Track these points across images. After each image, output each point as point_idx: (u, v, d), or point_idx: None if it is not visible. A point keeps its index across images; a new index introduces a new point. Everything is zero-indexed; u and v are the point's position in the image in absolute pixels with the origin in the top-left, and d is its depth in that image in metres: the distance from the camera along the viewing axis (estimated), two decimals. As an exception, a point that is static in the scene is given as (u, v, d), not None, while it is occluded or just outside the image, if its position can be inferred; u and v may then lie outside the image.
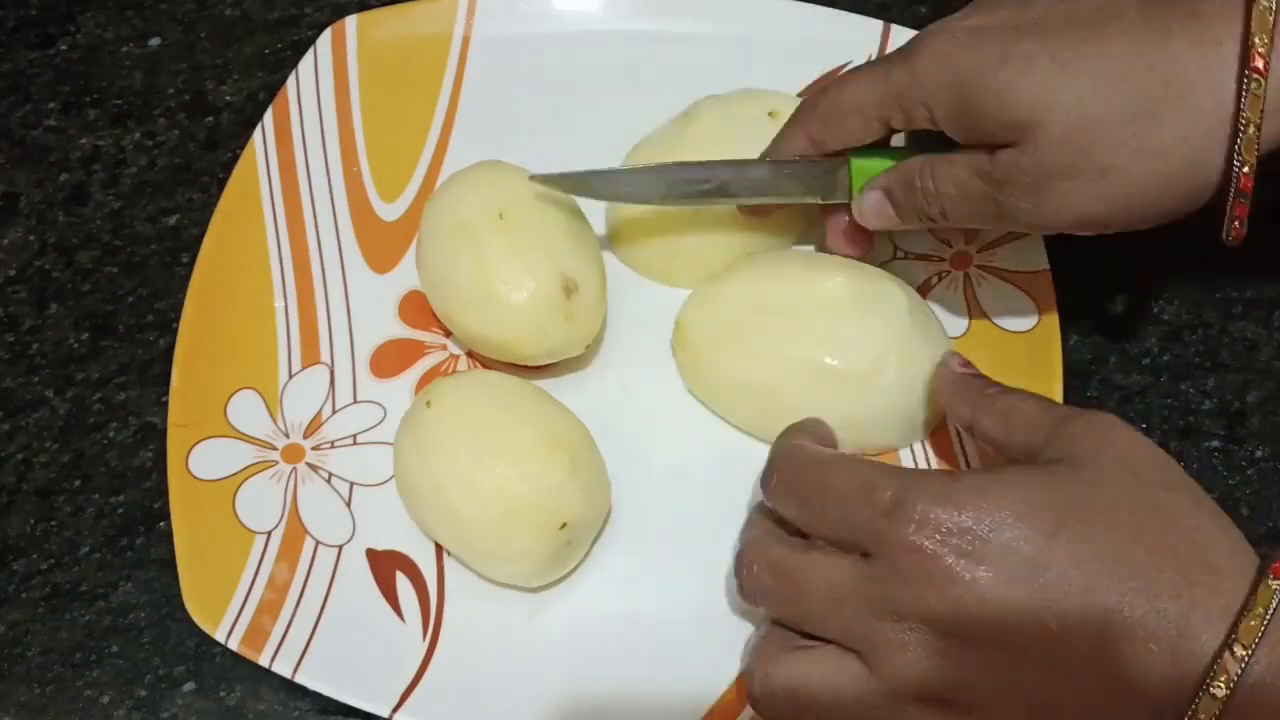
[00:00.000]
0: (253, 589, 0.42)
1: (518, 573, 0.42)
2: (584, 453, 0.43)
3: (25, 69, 0.58)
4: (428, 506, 0.42)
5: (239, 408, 0.46)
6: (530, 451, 0.41)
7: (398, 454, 0.44)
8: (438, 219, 0.46)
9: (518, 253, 0.44)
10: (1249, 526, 0.46)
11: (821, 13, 0.54)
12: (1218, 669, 0.31)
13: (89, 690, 0.44)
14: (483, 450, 0.41)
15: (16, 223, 0.54)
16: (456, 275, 0.45)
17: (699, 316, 0.46)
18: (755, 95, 0.49)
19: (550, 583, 0.43)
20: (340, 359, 0.48)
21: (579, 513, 0.42)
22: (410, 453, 0.43)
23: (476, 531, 0.41)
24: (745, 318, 0.45)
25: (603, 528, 0.44)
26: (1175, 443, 0.48)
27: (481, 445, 0.42)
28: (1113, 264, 0.50)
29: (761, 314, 0.45)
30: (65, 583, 0.46)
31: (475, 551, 0.42)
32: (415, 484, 0.43)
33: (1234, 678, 0.30)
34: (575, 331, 0.45)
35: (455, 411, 0.43)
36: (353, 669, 0.41)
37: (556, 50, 0.53)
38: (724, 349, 0.45)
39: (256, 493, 0.44)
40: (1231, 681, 0.30)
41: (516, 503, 0.41)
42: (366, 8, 0.55)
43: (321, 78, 0.53)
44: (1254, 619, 0.31)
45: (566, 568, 0.43)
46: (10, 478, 0.48)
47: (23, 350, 0.51)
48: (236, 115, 0.56)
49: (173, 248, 0.53)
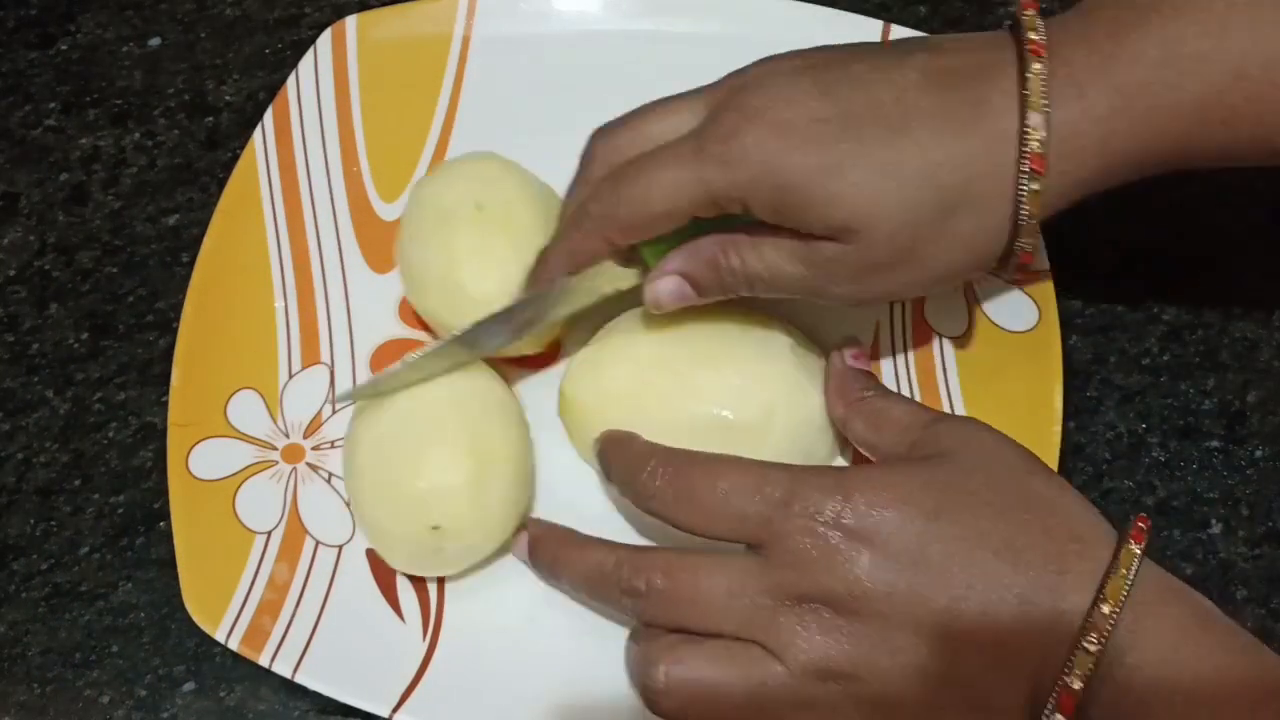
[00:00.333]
0: (253, 589, 0.42)
1: (385, 550, 0.43)
2: (499, 472, 0.42)
3: (25, 69, 0.58)
4: (350, 464, 0.43)
5: (239, 408, 0.46)
6: (439, 447, 0.42)
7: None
8: (418, 206, 0.46)
9: (487, 245, 0.44)
10: (1249, 526, 0.46)
11: (821, 13, 0.54)
12: (1088, 625, 0.33)
13: (89, 690, 0.45)
14: (406, 432, 0.42)
15: (16, 223, 0.54)
16: (427, 259, 0.45)
17: (582, 385, 0.44)
18: None
19: (430, 576, 0.44)
20: (340, 359, 0.48)
21: (455, 525, 0.41)
22: (360, 412, 0.44)
23: (366, 500, 0.42)
24: (630, 381, 0.43)
25: (498, 550, 0.44)
26: (1175, 442, 0.48)
27: (407, 429, 0.42)
28: (1113, 264, 0.50)
29: (647, 372, 0.43)
30: (65, 583, 0.46)
31: (361, 518, 0.43)
32: (349, 446, 0.44)
33: (1105, 633, 0.33)
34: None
35: (411, 395, 0.43)
36: (353, 669, 0.41)
37: (556, 50, 0.53)
38: (612, 416, 0.43)
39: (256, 493, 0.44)
40: (1103, 637, 0.33)
41: (396, 488, 0.41)
42: (366, 8, 0.55)
43: (321, 78, 0.53)
44: (1118, 580, 0.34)
45: (441, 569, 0.43)
46: (10, 478, 0.48)
47: (23, 350, 0.51)
48: (236, 115, 0.56)
49: (173, 248, 0.53)
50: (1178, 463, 0.47)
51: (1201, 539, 0.46)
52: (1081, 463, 0.47)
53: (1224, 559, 0.46)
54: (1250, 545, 0.46)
